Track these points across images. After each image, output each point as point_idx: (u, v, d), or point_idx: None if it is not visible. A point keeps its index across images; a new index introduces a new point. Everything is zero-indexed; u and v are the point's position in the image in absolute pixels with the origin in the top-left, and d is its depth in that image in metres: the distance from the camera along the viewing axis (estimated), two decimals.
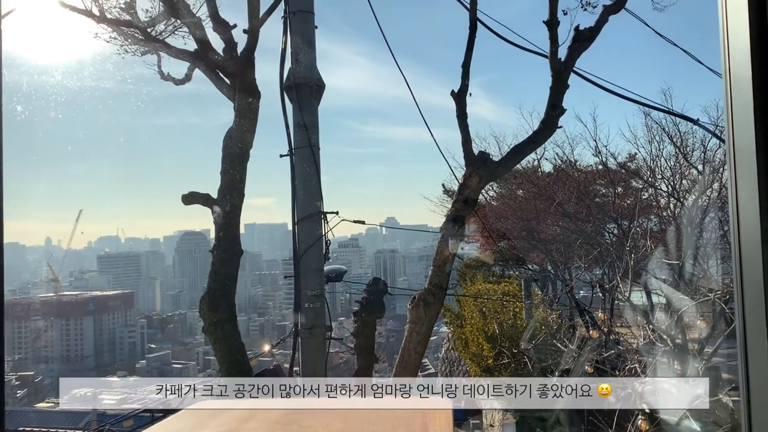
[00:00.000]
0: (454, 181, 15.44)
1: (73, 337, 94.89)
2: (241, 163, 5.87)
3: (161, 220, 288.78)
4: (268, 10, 6.04)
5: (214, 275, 5.74)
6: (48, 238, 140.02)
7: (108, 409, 34.84)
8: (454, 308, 15.51)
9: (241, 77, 5.91)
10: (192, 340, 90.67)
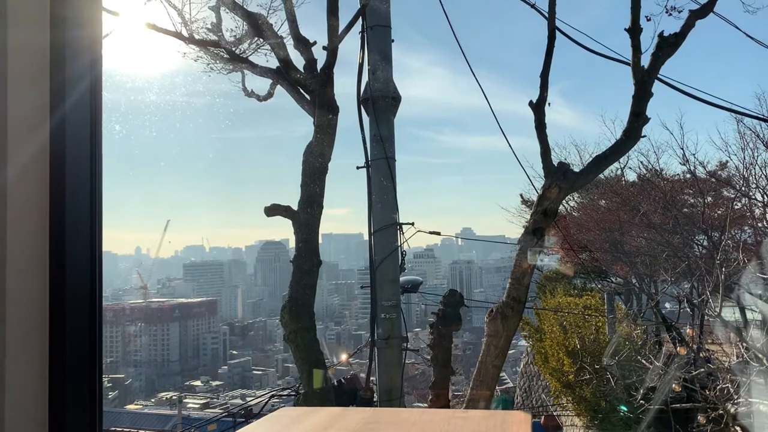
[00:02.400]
0: (532, 190, 15.17)
1: (160, 342, 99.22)
2: (320, 177, 6.02)
3: (243, 229, 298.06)
4: (346, 26, 6.18)
5: (295, 285, 5.88)
6: (138, 247, 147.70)
7: (192, 413, 36.10)
8: (533, 321, 15.19)
9: (320, 94, 6.07)
10: (271, 348, 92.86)
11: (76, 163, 2.14)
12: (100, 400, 2.32)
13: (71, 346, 2.06)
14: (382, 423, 1.56)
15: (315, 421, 1.60)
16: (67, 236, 2.05)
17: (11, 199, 1.92)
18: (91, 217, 2.22)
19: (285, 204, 6.00)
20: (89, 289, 2.18)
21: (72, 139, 2.09)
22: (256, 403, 9.17)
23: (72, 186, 2.14)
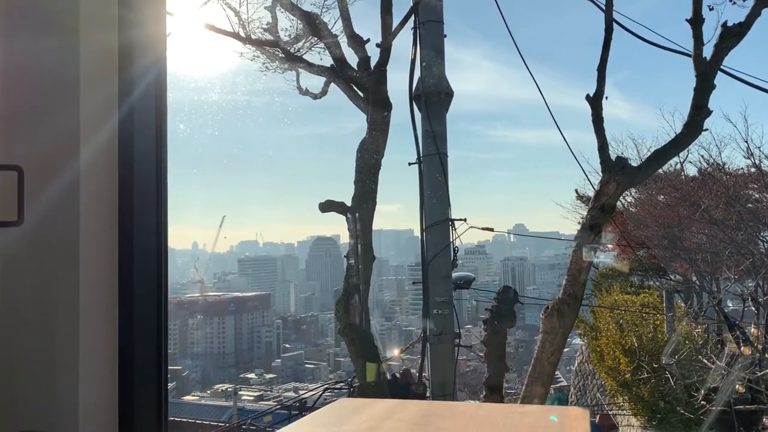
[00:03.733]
0: (587, 186, 14.87)
1: (216, 335, 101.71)
2: (373, 173, 6.09)
3: (295, 225, 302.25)
4: (399, 23, 6.22)
5: (349, 281, 5.97)
6: (195, 242, 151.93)
7: (247, 405, 36.94)
8: (588, 319, 14.90)
9: (374, 91, 6.13)
10: (323, 342, 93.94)
11: (143, 158, 2.24)
12: (165, 391, 2.43)
13: (139, 338, 2.16)
14: (439, 416, 1.58)
15: (373, 412, 1.63)
16: (135, 230, 2.15)
17: (83, 195, 2.02)
18: (157, 213, 2.31)
19: (338, 200, 6.09)
20: (156, 282, 2.28)
21: (139, 134, 2.18)
22: (310, 395, 9.33)
23: (139, 181, 2.24)
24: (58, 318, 2.07)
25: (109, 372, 2.17)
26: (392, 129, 6.52)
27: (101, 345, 2.16)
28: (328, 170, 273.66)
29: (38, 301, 2.03)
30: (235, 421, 14.49)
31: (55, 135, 2.03)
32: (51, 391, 2.07)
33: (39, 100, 2.03)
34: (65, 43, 2.04)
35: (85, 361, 2.09)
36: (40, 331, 2.07)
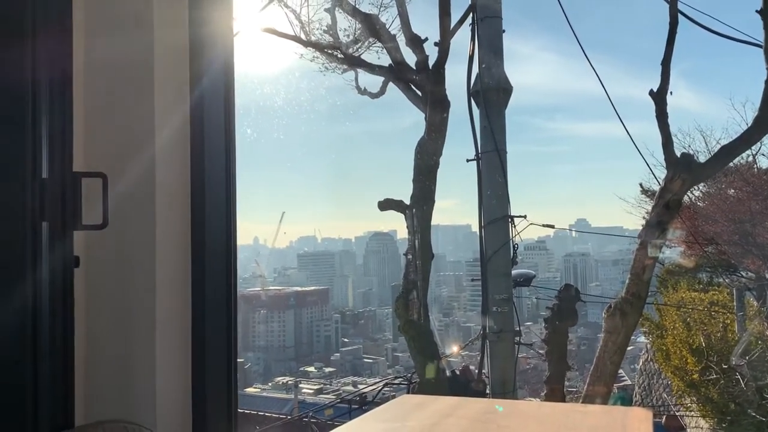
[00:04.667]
0: (652, 179, 14.42)
1: (277, 329, 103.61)
2: (431, 174, 6.13)
3: (352, 221, 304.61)
4: (458, 21, 6.22)
5: (408, 278, 6.03)
6: (256, 237, 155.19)
7: (307, 398, 37.52)
8: (653, 317, 14.46)
9: (432, 91, 6.16)
10: (381, 337, 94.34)
11: (214, 155, 2.35)
12: (234, 382, 2.54)
13: (210, 333, 2.27)
14: (498, 414, 1.61)
15: (435, 408, 1.68)
16: (206, 231, 2.26)
17: (159, 194, 2.14)
18: (227, 212, 2.42)
19: (397, 198, 6.16)
20: (225, 276, 2.39)
21: (209, 130, 2.29)
22: (369, 390, 9.45)
23: (210, 180, 2.35)
24: (136, 314, 2.20)
25: (182, 365, 2.29)
26: (450, 123, 6.51)
27: (176, 340, 2.28)
28: (384, 165, 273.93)
29: (118, 299, 2.16)
30: (296, 413, 14.78)
31: (131, 135, 2.16)
32: (129, 382, 2.20)
33: (116, 97, 2.15)
34: (140, 41, 2.17)
35: (161, 355, 2.21)
36: (120, 327, 2.20)
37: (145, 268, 2.18)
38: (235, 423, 2.44)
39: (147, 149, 2.16)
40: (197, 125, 2.32)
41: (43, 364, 1.70)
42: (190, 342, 2.33)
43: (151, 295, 2.18)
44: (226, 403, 2.40)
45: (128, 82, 2.19)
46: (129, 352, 2.22)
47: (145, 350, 2.20)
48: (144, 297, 2.18)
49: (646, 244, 5.78)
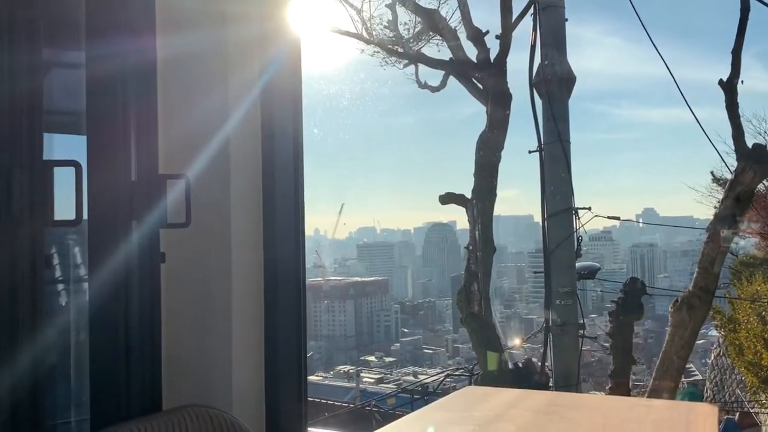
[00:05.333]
0: (724, 167, 13.83)
1: (338, 319, 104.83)
2: (493, 167, 6.12)
3: (411, 211, 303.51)
4: (520, 13, 6.18)
5: (470, 271, 6.06)
6: (316, 229, 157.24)
7: (368, 387, 37.92)
8: (726, 310, 13.91)
9: (494, 89, 6.14)
10: (441, 328, 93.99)
11: (283, 143, 2.45)
12: (305, 370, 2.66)
13: (282, 324, 2.39)
14: (564, 406, 1.65)
15: (500, 399, 1.73)
16: (276, 225, 2.37)
17: (234, 193, 2.27)
18: (295, 204, 2.53)
19: (458, 192, 6.19)
20: (294, 271, 2.50)
21: (280, 116, 2.39)
22: (431, 381, 9.53)
23: (280, 173, 2.46)
24: (214, 307, 2.34)
25: (256, 354, 2.42)
26: (511, 112, 6.46)
27: (250, 330, 2.41)
28: (444, 155, 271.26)
29: (198, 293, 2.31)
30: (358, 402, 15.01)
31: (206, 134, 2.28)
32: (208, 371, 2.35)
33: (191, 93, 2.28)
34: (214, 37, 2.28)
35: (237, 345, 2.35)
36: (200, 318, 2.35)
37: (222, 263, 2.31)
38: (305, 409, 2.56)
39: (221, 147, 2.29)
40: (267, 121, 2.43)
41: (134, 352, 1.85)
42: (263, 332, 2.45)
43: (228, 289, 2.31)
44: (296, 390, 2.52)
45: (202, 78, 2.31)
46: (207, 343, 2.36)
47: (222, 341, 2.34)
48: (221, 291, 2.32)
49: (716, 237, 5.60)
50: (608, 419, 1.48)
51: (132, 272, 1.80)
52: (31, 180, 1.51)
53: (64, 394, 2.67)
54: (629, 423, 1.43)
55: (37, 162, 1.53)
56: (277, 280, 2.46)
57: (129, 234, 1.78)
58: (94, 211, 1.73)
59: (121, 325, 1.80)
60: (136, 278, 1.82)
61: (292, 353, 2.53)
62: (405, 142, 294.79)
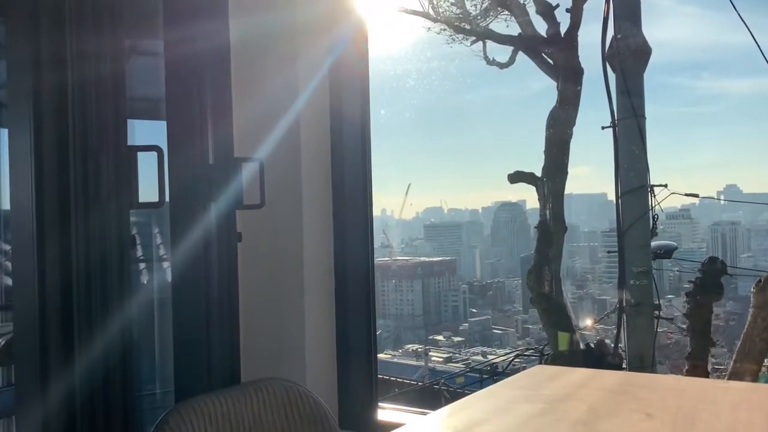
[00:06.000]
0: None
1: (405, 298, 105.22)
2: (564, 144, 5.97)
3: (479, 191, 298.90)
4: None
5: (540, 251, 5.98)
6: (383, 209, 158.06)
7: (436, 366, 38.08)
8: None
9: (564, 62, 5.97)
10: (510, 308, 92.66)
11: (351, 124, 2.49)
12: (374, 347, 2.71)
13: (352, 299, 2.45)
14: (637, 386, 1.62)
15: (570, 378, 1.72)
16: (346, 205, 2.42)
17: (305, 174, 2.32)
18: (364, 184, 2.56)
19: (527, 170, 6.09)
20: (364, 249, 2.55)
21: (348, 97, 2.43)
22: (501, 361, 9.49)
23: (348, 155, 2.50)
24: (287, 284, 2.42)
25: (328, 330, 2.49)
26: (583, 86, 6.26)
27: (322, 308, 2.48)
28: (512, 133, 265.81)
29: (272, 272, 2.39)
30: (427, 380, 15.11)
31: (277, 117, 2.34)
32: (283, 346, 2.43)
33: (261, 75, 2.34)
34: (282, 18, 2.33)
35: (309, 321, 2.42)
36: (274, 296, 2.44)
37: (294, 243, 2.39)
38: (375, 384, 2.62)
39: (291, 129, 2.35)
40: (335, 102, 2.47)
41: (214, 328, 1.95)
42: (333, 309, 2.52)
43: (299, 267, 2.39)
44: (367, 366, 2.58)
45: (272, 61, 2.37)
46: (281, 319, 2.45)
47: (295, 317, 2.42)
48: (293, 269, 2.39)
49: None
50: (683, 400, 1.45)
51: (211, 252, 1.88)
52: (117, 164, 1.60)
53: (149, 367, 2.83)
54: (705, 404, 1.39)
55: (122, 147, 1.62)
56: (346, 259, 2.52)
57: (208, 215, 1.86)
58: (175, 193, 1.82)
59: (202, 302, 1.89)
60: (215, 258, 1.90)
61: (362, 330, 2.59)
62: (472, 120, 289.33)
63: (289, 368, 2.38)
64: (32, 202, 1.50)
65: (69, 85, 1.55)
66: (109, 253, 1.58)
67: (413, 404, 2.45)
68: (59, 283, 1.52)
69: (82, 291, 1.54)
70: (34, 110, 1.51)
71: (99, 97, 1.59)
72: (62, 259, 1.52)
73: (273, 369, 2.26)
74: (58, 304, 1.54)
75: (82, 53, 1.57)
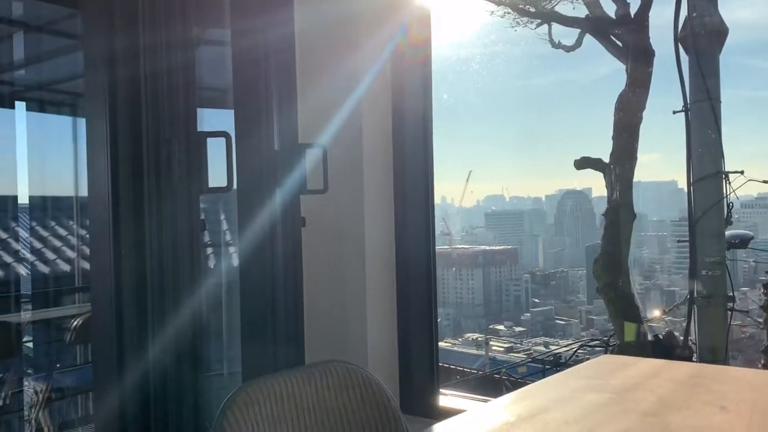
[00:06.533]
0: None
1: (466, 286, 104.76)
2: (634, 129, 5.77)
3: (542, 179, 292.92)
4: None
5: (608, 239, 5.83)
6: (443, 197, 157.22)
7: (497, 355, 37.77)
8: None
9: (634, 43, 5.74)
10: (574, 298, 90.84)
11: (412, 110, 2.49)
12: (436, 334, 2.70)
13: (413, 284, 2.45)
14: (709, 378, 1.56)
15: (639, 369, 1.67)
16: (407, 191, 2.42)
17: (365, 155, 2.33)
18: (425, 171, 2.56)
19: (594, 156, 5.91)
20: (425, 236, 2.54)
21: (410, 83, 2.42)
22: (564, 351, 9.32)
23: (410, 138, 2.50)
24: (349, 269, 2.44)
25: (389, 315, 2.51)
26: (653, 69, 6.02)
27: (383, 293, 2.49)
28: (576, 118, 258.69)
29: (334, 257, 2.42)
30: (487, 369, 15.01)
31: (340, 103, 2.36)
32: (344, 329, 2.46)
33: (325, 58, 2.35)
34: (345, 3, 2.34)
35: (370, 306, 2.44)
36: (336, 280, 2.47)
37: (355, 228, 2.41)
38: (437, 370, 2.62)
39: (353, 115, 2.36)
40: (397, 88, 2.47)
41: (280, 311, 1.99)
42: (395, 296, 2.54)
43: (361, 253, 2.41)
44: (428, 352, 2.59)
45: (336, 47, 2.39)
46: (343, 304, 2.48)
47: (356, 301, 2.45)
48: (355, 255, 2.42)
49: None
50: (759, 393, 1.38)
51: (276, 236, 1.92)
52: (188, 150, 1.65)
53: (217, 348, 2.92)
54: None
55: (192, 133, 1.67)
56: (407, 245, 2.52)
57: (273, 200, 1.90)
58: (242, 178, 1.87)
59: (267, 286, 1.94)
60: (280, 242, 1.94)
61: (423, 316, 2.59)
62: (536, 105, 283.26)
63: (351, 352, 2.41)
64: (108, 188, 1.57)
65: (142, 76, 1.60)
66: (180, 237, 1.64)
67: (474, 393, 2.44)
68: (134, 265, 1.59)
69: (155, 273, 1.60)
70: (109, 101, 1.58)
71: (170, 86, 1.64)
72: (137, 243, 1.58)
73: (335, 352, 2.30)
74: (132, 286, 1.60)
75: (154, 45, 1.63)
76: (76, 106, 2.90)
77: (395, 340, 2.52)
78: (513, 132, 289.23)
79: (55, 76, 3.03)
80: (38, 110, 3.06)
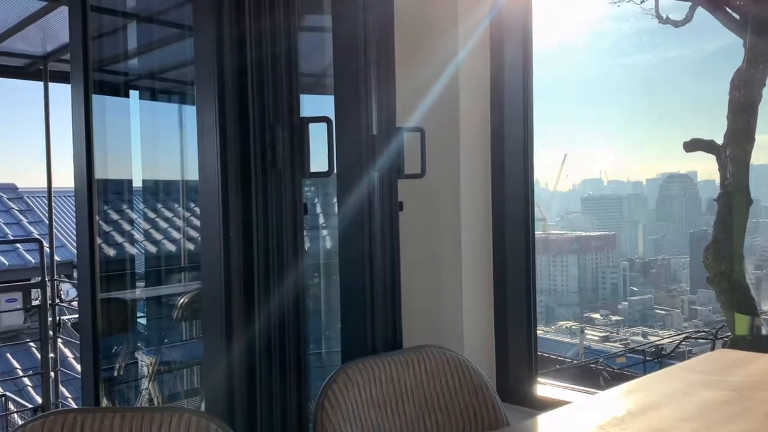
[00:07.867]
0: None
1: (560, 273, 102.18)
2: (752, 107, 5.36)
3: (644, 162, 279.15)
4: None
5: (720, 225, 5.50)
6: (537, 181, 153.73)
7: (592, 344, 36.64)
8: None
9: (756, 11, 5.32)
10: (676, 288, 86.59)
11: (512, 91, 2.42)
12: (534, 321, 2.64)
13: (510, 270, 2.40)
14: None
15: (761, 365, 1.56)
16: (505, 175, 2.36)
17: (463, 145, 2.30)
18: (524, 155, 2.49)
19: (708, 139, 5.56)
20: (524, 221, 2.48)
21: (509, 63, 2.35)
22: (667, 342, 8.89)
23: (509, 122, 2.44)
24: (445, 254, 2.43)
25: (485, 301, 2.48)
26: None
27: (479, 278, 2.46)
28: (682, 98, 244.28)
29: (431, 241, 2.41)
30: (582, 358, 14.61)
31: (438, 86, 2.33)
32: (440, 315, 2.46)
33: (423, 47, 2.33)
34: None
35: (466, 291, 2.42)
36: (432, 265, 2.46)
37: (452, 213, 2.38)
38: (535, 359, 2.56)
39: (451, 98, 2.33)
40: (496, 68, 2.41)
41: (378, 294, 2.01)
42: (491, 281, 2.49)
43: (458, 238, 2.38)
44: (525, 339, 2.54)
45: (433, 27, 2.36)
46: (440, 289, 2.47)
47: (452, 287, 2.43)
48: (452, 240, 2.40)
49: None
50: None
51: (374, 221, 1.94)
52: (291, 135, 1.69)
53: (315, 329, 3.00)
54: None
55: (295, 119, 1.70)
56: (505, 231, 2.47)
57: (372, 184, 1.91)
58: (342, 163, 1.89)
59: (366, 269, 1.96)
60: (378, 226, 1.95)
61: (521, 303, 2.54)
62: (640, 83, 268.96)
63: (448, 338, 2.40)
64: (218, 172, 1.63)
65: (248, 63, 1.65)
66: (285, 219, 1.68)
67: (569, 382, 2.37)
68: (242, 246, 1.65)
69: (261, 254, 1.66)
70: (218, 88, 1.63)
71: (275, 73, 1.67)
72: (244, 224, 1.64)
73: (432, 337, 2.30)
74: (240, 266, 1.67)
75: (260, 33, 1.66)
76: (184, 94, 3.04)
77: (492, 327, 2.49)
78: (614, 112, 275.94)
79: (164, 65, 3.19)
80: (149, 98, 3.23)
